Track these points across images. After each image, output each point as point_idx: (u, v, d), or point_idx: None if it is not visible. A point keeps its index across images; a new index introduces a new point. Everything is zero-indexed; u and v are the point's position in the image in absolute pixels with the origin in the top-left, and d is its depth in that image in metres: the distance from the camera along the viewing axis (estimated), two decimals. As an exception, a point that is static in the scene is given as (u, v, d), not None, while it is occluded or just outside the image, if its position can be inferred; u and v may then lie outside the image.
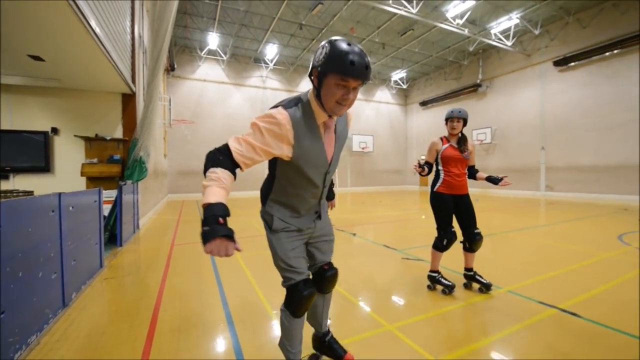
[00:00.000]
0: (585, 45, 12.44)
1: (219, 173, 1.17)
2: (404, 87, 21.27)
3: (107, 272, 3.64)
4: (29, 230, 2.03)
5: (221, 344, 2.07)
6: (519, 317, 2.37)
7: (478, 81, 16.74)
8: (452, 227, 2.85)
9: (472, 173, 2.98)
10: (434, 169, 2.96)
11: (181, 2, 10.19)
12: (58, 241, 2.46)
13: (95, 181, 5.53)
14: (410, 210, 9.89)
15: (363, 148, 20.08)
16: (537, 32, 13.53)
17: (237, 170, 1.27)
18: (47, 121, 5.49)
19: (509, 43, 13.88)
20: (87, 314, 2.55)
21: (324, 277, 1.64)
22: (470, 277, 2.93)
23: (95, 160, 5.61)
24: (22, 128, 5.33)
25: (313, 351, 1.85)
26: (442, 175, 2.88)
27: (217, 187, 1.14)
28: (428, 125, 20.65)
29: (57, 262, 2.44)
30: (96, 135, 5.73)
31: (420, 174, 2.72)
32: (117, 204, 4.81)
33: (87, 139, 5.64)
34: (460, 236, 2.95)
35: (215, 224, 1.04)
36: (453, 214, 2.88)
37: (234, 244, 1.06)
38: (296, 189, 1.47)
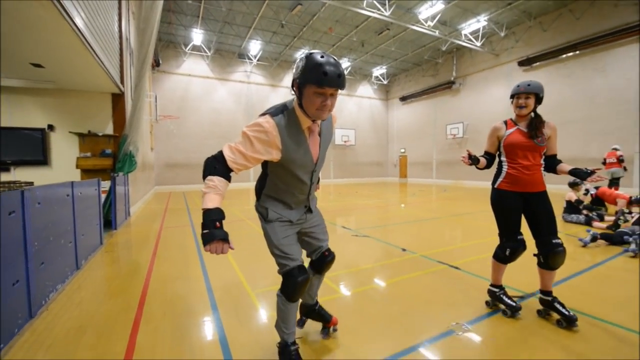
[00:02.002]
0: (546, 47, 13.48)
1: (215, 181, 1.34)
2: (385, 82, 22.11)
3: (106, 247, 4.40)
4: (54, 208, 2.77)
5: (203, 308, 2.88)
6: (422, 267, 3.26)
7: (452, 78, 17.70)
8: (520, 233, 2.24)
9: (552, 164, 2.28)
10: (497, 160, 2.40)
11: (165, 1, 10.63)
12: (72, 218, 3.20)
13: (89, 173, 6.17)
14: (378, 199, 10.82)
15: (345, 141, 20.91)
16: (502, 34, 14.52)
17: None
18: (43, 119, 6.08)
19: (479, 43, 14.83)
20: (93, 275, 3.32)
21: (325, 262, 1.85)
22: (547, 303, 2.20)
23: (88, 154, 6.24)
24: (21, 125, 5.91)
25: (302, 322, 2.08)
26: (504, 167, 2.27)
27: (214, 194, 1.33)
28: (408, 120, 21.61)
29: (72, 235, 3.19)
30: (89, 131, 6.35)
31: (477, 167, 2.34)
32: (111, 192, 5.51)
33: (80, 135, 6.26)
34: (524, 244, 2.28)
35: (213, 228, 1.27)
36: (520, 217, 2.26)
37: (229, 244, 1.31)
38: (286, 185, 1.60)
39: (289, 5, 12.34)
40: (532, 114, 2.26)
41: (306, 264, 1.76)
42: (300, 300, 1.99)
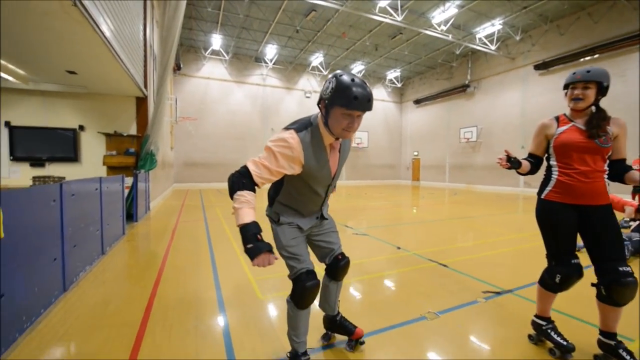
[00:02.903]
0: (563, 51, 13.25)
1: (247, 196, 1.35)
2: (399, 85, 22.15)
3: (127, 237, 4.85)
4: (85, 200, 3.20)
5: (209, 298, 3.24)
6: (412, 264, 3.50)
7: (467, 82, 17.59)
8: (575, 256, 1.83)
9: (618, 171, 1.80)
10: (545, 164, 1.99)
11: (187, 8, 11.23)
12: (99, 209, 3.64)
13: (114, 170, 6.71)
14: (386, 200, 10.99)
15: (358, 144, 21.10)
16: (518, 37, 14.37)
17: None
18: (75, 120, 6.68)
19: (493, 47, 14.72)
20: (116, 260, 3.74)
21: (338, 266, 1.80)
22: (610, 348, 1.75)
23: (114, 152, 6.79)
24: (56, 125, 6.52)
25: (320, 342, 1.99)
26: (554, 173, 1.87)
27: (248, 208, 1.34)
28: (421, 123, 21.57)
29: (99, 224, 3.63)
30: (115, 131, 6.90)
31: (519, 172, 1.96)
32: (133, 188, 6.01)
33: (107, 135, 6.82)
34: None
35: (256, 241, 1.29)
36: (575, 235, 1.83)
37: (274, 255, 1.33)
38: (301, 196, 1.63)
39: (304, 11, 12.73)
40: (593, 108, 1.82)
41: (321, 272, 1.74)
42: (322, 312, 1.97)
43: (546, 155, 1.96)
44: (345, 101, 1.31)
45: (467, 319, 2.32)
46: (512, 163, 1.87)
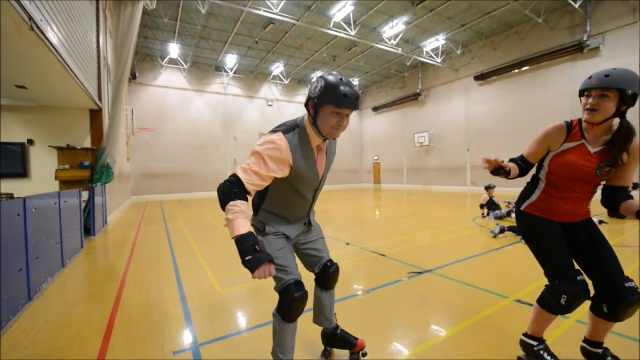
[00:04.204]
0: (497, 64, 14.94)
1: (241, 206, 1.30)
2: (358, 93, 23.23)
3: (86, 250, 4.90)
4: (46, 213, 3.34)
5: (172, 300, 3.51)
6: (357, 255, 4.03)
7: (418, 90, 19.01)
8: (578, 272, 1.59)
9: (615, 199, 1.58)
10: (533, 172, 1.83)
11: (142, 17, 11.10)
12: (58, 222, 3.75)
13: (67, 184, 6.57)
14: (344, 203, 11.64)
15: (321, 150, 21.74)
16: (459, 51, 15.96)
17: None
18: (24, 133, 6.48)
19: (439, 60, 16.18)
20: (76, 272, 3.86)
21: (328, 273, 1.74)
22: (597, 357, 1.69)
23: (67, 166, 6.66)
24: (1, 140, 6.28)
25: (318, 357, 1.90)
26: (539, 188, 1.73)
27: (243, 218, 1.29)
28: (380, 129, 22.81)
29: (59, 236, 3.74)
30: (67, 145, 6.77)
31: (506, 177, 1.72)
32: (89, 202, 5.98)
33: (59, 148, 6.67)
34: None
35: (254, 253, 1.26)
36: (566, 244, 1.66)
37: (274, 266, 1.31)
38: (287, 201, 1.59)
39: (262, 23, 13.14)
40: (616, 122, 1.50)
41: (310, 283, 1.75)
42: (317, 327, 1.88)
43: (539, 164, 1.74)
44: (334, 99, 1.33)
45: (391, 293, 2.86)
46: (502, 174, 1.67)
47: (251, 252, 1.26)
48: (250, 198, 1.41)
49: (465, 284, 3.03)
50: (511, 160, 1.78)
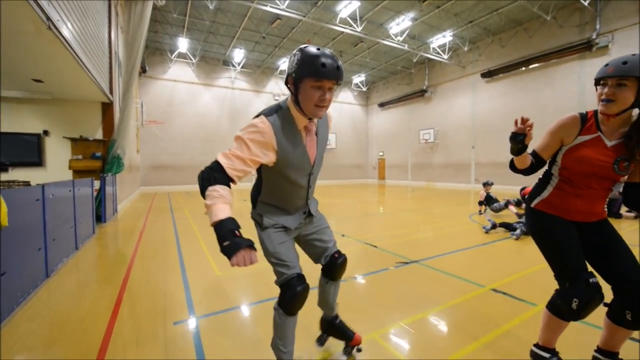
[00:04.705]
0: (504, 61, 14.83)
1: (220, 190, 1.21)
2: (364, 89, 23.28)
3: (97, 236, 5.22)
4: (61, 199, 3.62)
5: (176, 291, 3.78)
6: (350, 246, 4.24)
7: (424, 87, 18.97)
8: (590, 273, 1.46)
9: (633, 197, 1.47)
10: (545, 168, 1.70)
11: (152, 12, 11.38)
12: (72, 208, 4.04)
13: (80, 173, 6.92)
14: (347, 198, 11.83)
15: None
16: (466, 48, 15.86)
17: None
18: (40, 125, 6.83)
19: (446, 56, 16.11)
20: (89, 254, 4.16)
21: (336, 265, 1.69)
22: None
23: (80, 156, 7.01)
24: (19, 131, 6.64)
25: (311, 351, 1.90)
26: (552, 184, 1.63)
27: (222, 203, 1.19)
28: (386, 125, 22.82)
29: (73, 222, 4.03)
30: (80, 136, 7.11)
31: (515, 166, 1.69)
32: (101, 190, 6.31)
33: (73, 140, 7.01)
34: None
35: (234, 237, 1.14)
36: (579, 244, 1.54)
37: (256, 252, 1.17)
38: (282, 191, 1.52)
39: (269, 19, 13.28)
40: (635, 113, 1.41)
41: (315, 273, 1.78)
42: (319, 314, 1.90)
43: (551, 159, 1.63)
44: (313, 71, 1.24)
45: (376, 280, 3.07)
46: (519, 145, 1.56)
47: (229, 238, 1.14)
48: (233, 186, 1.31)
49: (447, 274, 3.22)
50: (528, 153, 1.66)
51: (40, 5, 3.30)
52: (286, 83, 1.37)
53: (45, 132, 6.93)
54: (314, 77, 1.25)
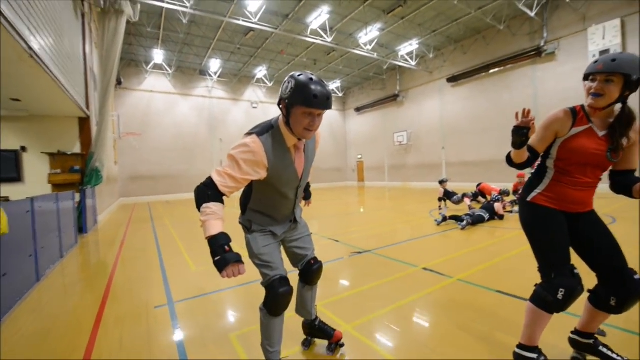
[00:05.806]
0: (467, 67, 15.92)
1: (213, 207, 1.34)
2: (340, 95, 24.06)
3: (80, 245, 5.52)
4: (47, 211, 3.97)
5: (158, 293, 4.19)
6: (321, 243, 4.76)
7: (397, 92, 19.91)
8: (573, 266, 1.56)
9: (625, 183, 1.59)
10: (538, 162, 1.74)
11: (126, 25, 11.59)
12: (56, 219, 4.38)
13: (59, 187, 7.13)
14: (324, 201, 12.39)
15: (305, 150, 22.45)
16: (431, 55, 16.89)
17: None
18: (17, 141, 7.00)
19: (414, 63, 17.08)
20: (73, 262, 4.49)
21: (311, 270, 1.79)
22: (589, 347, 1.72)
23: (59, 170, 7.22)
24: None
25: (298, 347, 2.00)
26: (548, 176, 1.67)
27: (215, 219, 1.33)
28: (363, 129, 23.66)
29: (57, 231, 4.37)
30: (58, 151, 7.33)
31: (512, 160, 1.67)
32: (81, 203, 6.57)
33: (51, 154, 7.22)
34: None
35: (224, 253, 1.30)
36: (569, 239, 1.62)
37: (243, 265, 1.33)
38: (271, 201, 1.63)
39: (243, 31, 13.76)
40: (618, 107, 1.52)
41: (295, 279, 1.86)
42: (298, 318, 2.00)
43: (545, 152, 1.68)
44: (305, 100, 1.33)
45: (330, 267, 3.62)
46: (523, 138, 1.55)
47: (220, 253, 1.30)
48: (226, 199, 1.44)
49: (391, 259, 3.80)
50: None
51: (23, 37, 3.67)
52: (279, 105, 1.48)
53: (23, 148, 7.11)
54: (305, 105, 1.36)
